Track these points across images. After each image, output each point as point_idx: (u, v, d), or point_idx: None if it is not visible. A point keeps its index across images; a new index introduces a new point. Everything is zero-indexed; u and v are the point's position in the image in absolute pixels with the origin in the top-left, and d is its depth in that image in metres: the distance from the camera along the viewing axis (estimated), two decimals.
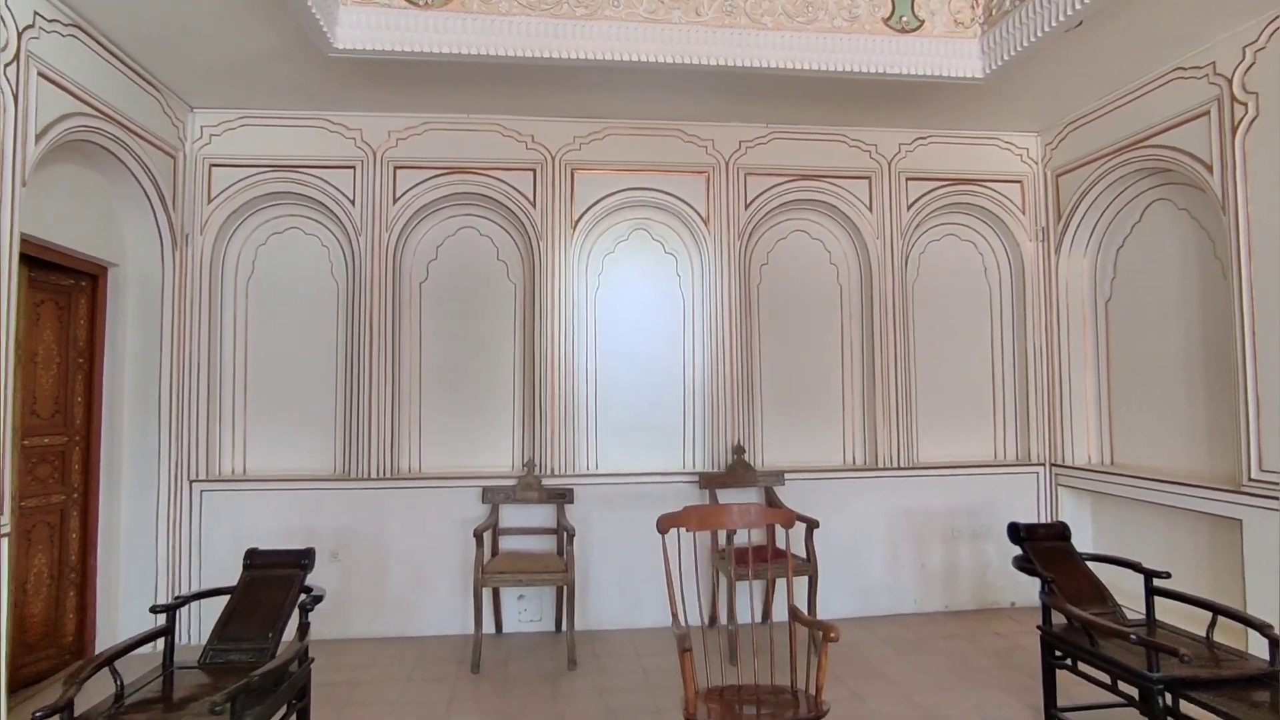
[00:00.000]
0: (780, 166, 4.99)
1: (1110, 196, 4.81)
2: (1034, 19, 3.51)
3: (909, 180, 5.13)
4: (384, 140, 4.74)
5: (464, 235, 4.99)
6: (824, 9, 3.76)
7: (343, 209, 4.72)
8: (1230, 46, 3.74)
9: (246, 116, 4.65)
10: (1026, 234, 5.23)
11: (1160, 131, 4.21)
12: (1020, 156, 5.23)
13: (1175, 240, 4.45)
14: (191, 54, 3.87)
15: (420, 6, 3.50)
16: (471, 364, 4.95)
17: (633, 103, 4.52)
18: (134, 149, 4.04)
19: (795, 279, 5.18)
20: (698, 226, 4.93)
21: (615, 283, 5.02)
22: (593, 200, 4.85)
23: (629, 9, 3.62)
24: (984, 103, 4.57)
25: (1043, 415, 5.18)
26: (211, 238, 4.66)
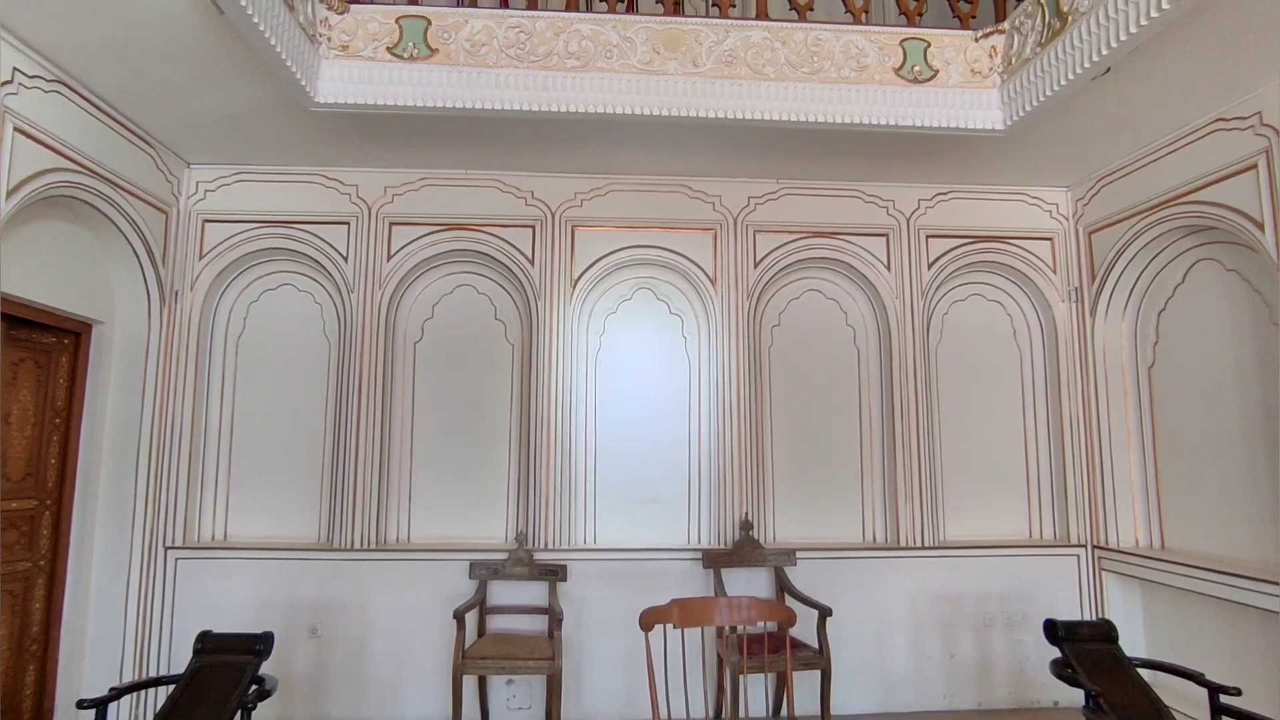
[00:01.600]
0: (791, 223, 4.75)
1: (1149, 255, 4.46)
2: (1057, 66, 3.26)
3: (929, 237, 4.84)
4: (380, 196, 4.62)
5: (461, 293, 4.80)
6: (830, 59, 3.56)
7: (335, 266, 4.57)
8: (1278, 95, 3.44)
9: (243, 172, 4.57)
10: (1058, 294, 4.88)
11: (1202, 186, 3.88)
12: (1049, 212, 4.93)
13: (1225, 303, 4.07)
14: (181, 110, 3.79)
15: (404, 59, 3.37)
16: (465, 428, 4.70)
17: (635, 157, 4.34)
18: (123, 205, 3.95)
19: (809, 341, 4.87)
20: (704, 286, 4.68)
21: (617, 344, 4.77)
22: (594, 258, 4.64)
23: (623, 60, 3.46)
24: (1007, 156, 4.29)
25: (1082, 491, 4.73)
26: (202, 294, 4.53)
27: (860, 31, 3.62)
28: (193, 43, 3.07)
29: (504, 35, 3.44)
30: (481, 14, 3.47)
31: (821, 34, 3.57)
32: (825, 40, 3.56)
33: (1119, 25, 2.89)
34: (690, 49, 3.50)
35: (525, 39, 3.45)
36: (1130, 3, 2.83)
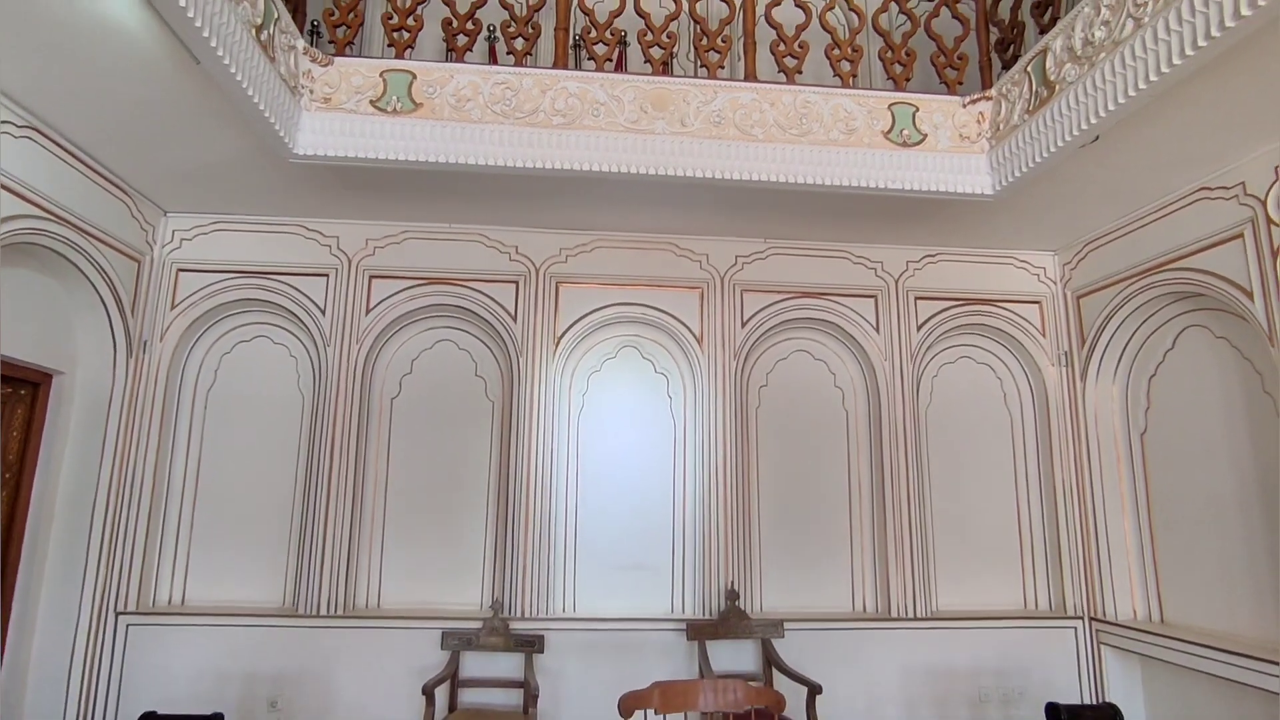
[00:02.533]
0: (779, 283, 4.69)
1: (1137, 321, 4.43)
2: (1045, 133, 3.26)
3: (918, 299, 4.80)
4: (361, 248, 4.52)
5: (441, 349, 4.68)
6: (819, 121, 3.54)
7: (312, 318, 4.45)
8: (1261, 167, 3.45)
9: (220, 221, 4.47)
10: (1048, 358, 4.83)
11: (1189, 254, 3.87)
12: (1037, 276, 4.91)
13: (1215, 371, 4.02)
14: (158, 159, 3.71)
15: (388, 113, 3.32)
16: (441, 487, 4.52)
17: (622, 214, 4.29)
18: (92, 254, 3.83)
19: (797, 402, 4.77)
20: (691, 345, 4.59)
21: (601, 404, 4.64)
22: (579, 315, 4.55)
23: (609, 118, 3.42)
24: (996, 220, 4.28)
25: (1077, 559, 4.59)
26: (172, 345, 4.37)
27: (849, 95, 3.62)
28: (169, 92, 2.99)
29: (490, 91, 3.40)
30: (468, 69, 3.43)
31: (810, 96, 3.57)
32: (814, 103, 3.56)
33: (1106, 96, 2.89)
34: (678, 109, 3.48)
35: (512, 95, 3.41)
36: (1117, 75, 2.83)
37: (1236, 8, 2.31)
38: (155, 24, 2.55)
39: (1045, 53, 3.29)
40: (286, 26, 3.17)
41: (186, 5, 2.36)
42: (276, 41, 3.07)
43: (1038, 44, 3.36)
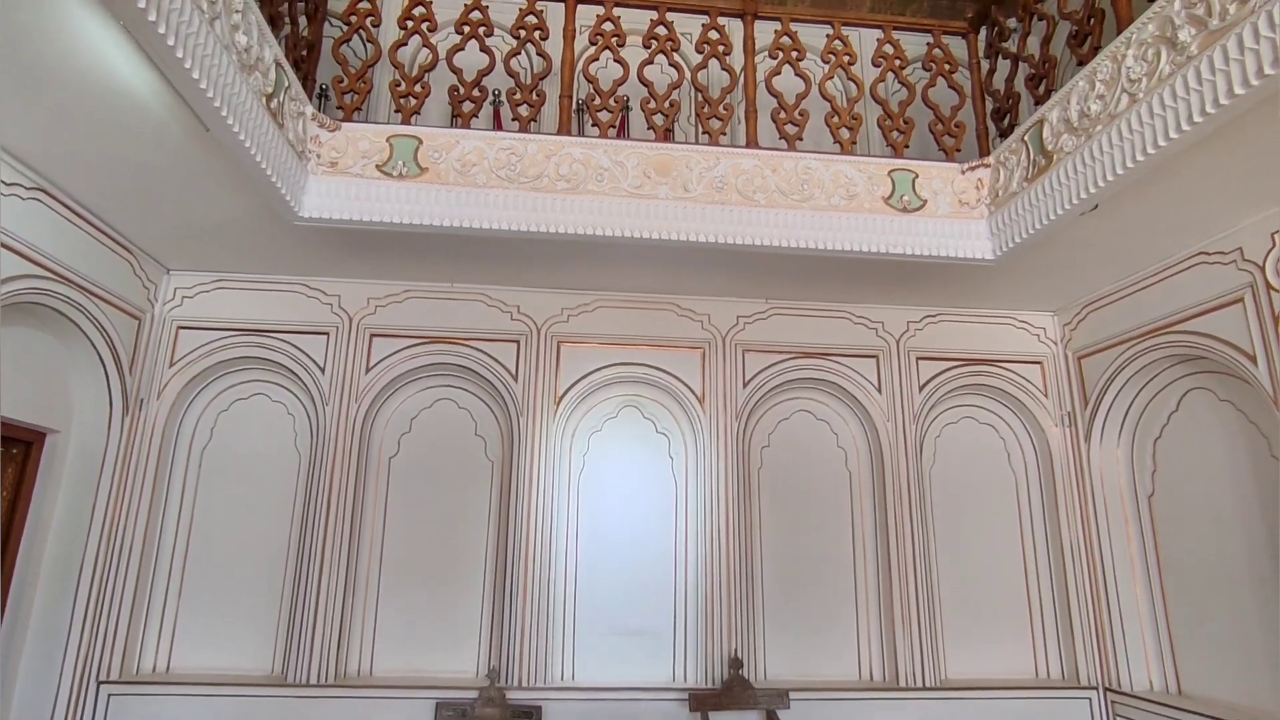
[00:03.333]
0: (781, 343, 4.69)
1: (1140, 383, 4.41)
2: (1044, 201, 3.29)
3: (919, 360, 4.79)
4: (362, 307, 4.52)
5: (441, 407, 4.64)
6: (820, 187, 3.58)
7: (311, 376, 4.41)
8: (1258, 233, 3.48)
9: (222, 280, 4.48)
10: (1051, 419, 4.80)
11: (1189, 317, 3.87)
12: (1038, 336, 4.92)
13: (1221, 434, 3.98)
14: (163, 219, 3.73)
15: (394, 178, 3.35)
16: (438, 549, 4.42)
17: (624, 275, 4.30)
18: (91, 312, 3.82)
19: (799, 463, 4.72)
20: (692, 405, 4.56)
21: (601, 464, 4.58)
22: (580, 375, 4.52)
23: (613, 184, 3.46)
24: (995, 282, 4.30)
25: (1089, 625, 4.48)
26: (169, 402, 4.33)
27: (849, 161, 3.67)
28: (178, 156, 3.02)
29: (495, 156, 3.45)
30: (473, 135, 3.49)
31: (811, 163, 3.62)
32: (815, 169, 3.61)
33: (1104, 167, 2.93)
34: (681, 174, 3.52)
35: (516, 160, 3.46)
36: (1114, 146, 2.87)
37: (1230, 87, 2.35)
38: (167, 91, 2.58)
39: (1042, 123, 3.35)
40: (296, 94, 3.23)
41: (199, 77, 2.39)
42: (286, 109, 3.12)
43: (1034, 114, 3.42)
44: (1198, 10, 2.47)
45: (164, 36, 2.20)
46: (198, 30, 2.35)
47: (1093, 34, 3.23)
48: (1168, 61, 2.59)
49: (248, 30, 2.69)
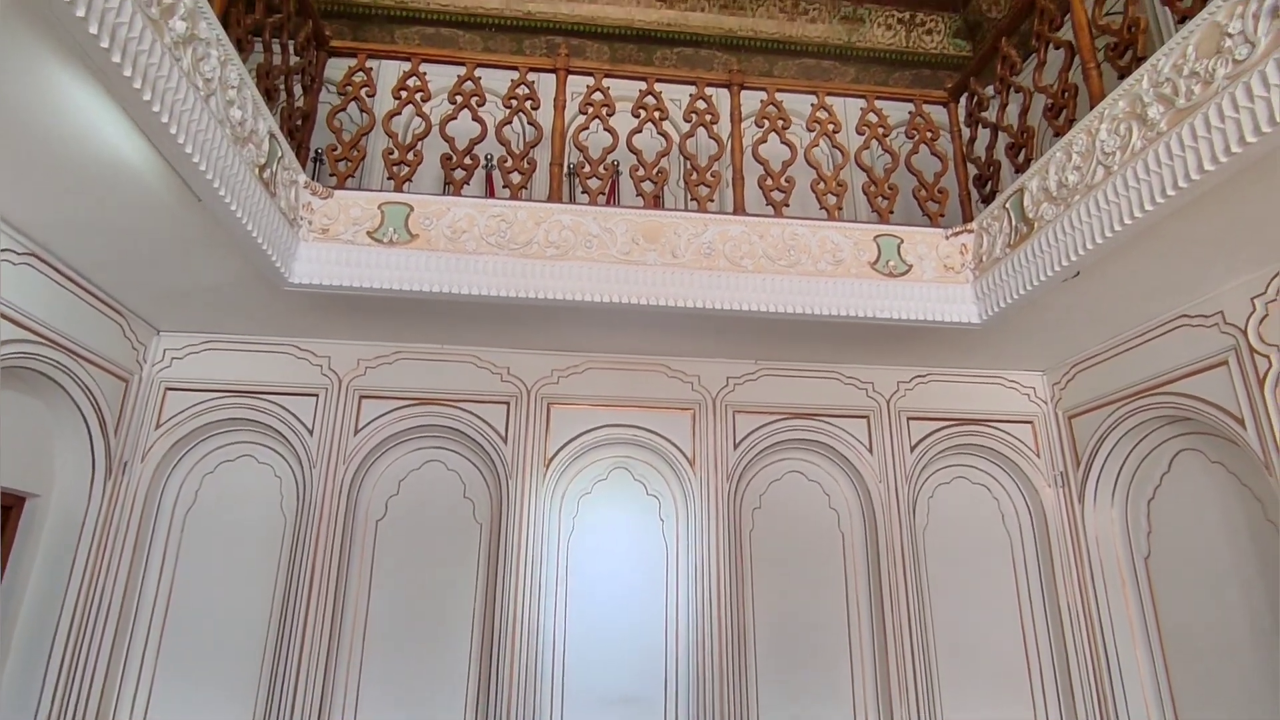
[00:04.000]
0: (771, 404, 4.68)
1: (1131, 443, 4.40)
2: (1027, 267, 3.34)
3: (910, 420, 4.78)
4: (352, 368, 4.51)
5: (430, 469, 4.59)
6: (806, 252, 3.63)
7: (299, 438, 4.38)
8: (1238, 297, 3.52)
9: (211, 340, 4.47)
10: (1044, 479, 4.77)
11: (1176, 379, 3.89)
12: (1027, 396, 4.92)
13: (1214, 496, 3.96)
14: (155, 281, 3.74)
15: (384, 244, 3.38)
16: (425, 615, 4.31)
17: (614, 337, 4.32)
18: (78, 375, 3.80)
19: (792, 525, 4.66)
20: (683, 467, 4.52)
21: (591, 527, 4.51)
22: (570, 436, 4.50)
23: (602, 250, 3.50)
24: (984, 344, 4.33)
25: (1089, 690, 4.36)
26: (153, 465, 4.27)
27: (835, 227, 3.73)
28: (170, 223, 3.05)
29: (485, 223, 3.49)
30: (464, 202, 3.54)
31: (798, 229, 3.68)
32: (801, 235, 3.66)
33: (1084, 235, 2.99)
34: (669, 240, 3.57)
35: (506, 227, 3.50)
36: (1092, 216, 2.93)
37: (1200, 162, 2.41)
38: (159, 161, 2.62)
39: (1022, 191, 3.42)
40: (289, 164, 3.28)
41: (192, 151, 2.43)
42: (279, 178, 3.17)
43: (1015, 183, 3.50)
44: (1165, 90, 2.56)
45: (159, 114, 2.25)
46: (192, 107, 2.40)
47: (1067, 107, 3.32)
48: (1139, 137, 2.67)
49: (242, 105, 2.75)
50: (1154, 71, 2.64)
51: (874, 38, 5.60)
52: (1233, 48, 2.27)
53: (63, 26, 1.93)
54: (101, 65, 2.07)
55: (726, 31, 5.47)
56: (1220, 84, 2.32)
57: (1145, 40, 2.86)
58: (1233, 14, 2.29)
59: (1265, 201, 2.75)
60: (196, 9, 2.41)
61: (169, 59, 2.26)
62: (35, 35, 1.99)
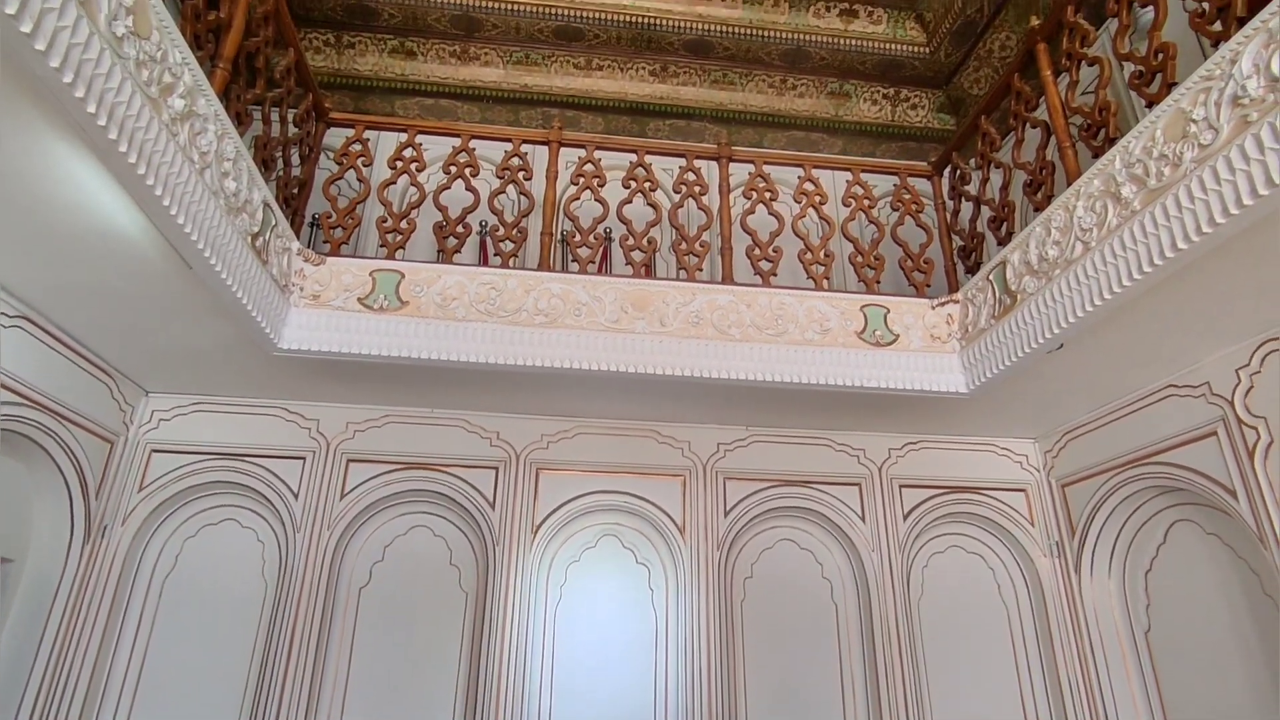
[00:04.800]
0: (762, 471, 4.65)
1: (1125, 513, 4.35)
2: (1012, 338, 3.37)
3: (902, 487, 4.74)
4: (341, 431, 4.49)
5: (416, 535, 4.52)
6: (794, 321, 3.66)
7: (284, 502, 4.32)
8: (1222, 368, 3.54)
9: (201, 402, 4.46)
10: (1039, 549, 4.70)
11: (1166, 449, 3.87)
12: (1020, 464, 4.89)
13: (1211, 568, 3.89)
14: (145, 344, 3.75)
15: (375, 310, 3.41)
16: (408, 685, 4.18)
17: (603, 403, 4.31)
18: (63, 438, 3.77)
19: (783, 594, 4.56)
20: (673, 535, 4.45)
21: (579, 595, 4.42)
22: (559, 503, 4.44)
23: (590, 318, 3.53)
24: (973, 412, 4.33)
25: None
26: (134, 529, 4.20)
27: (822, 297, 3.77)
28: (161, 288, 3.07)
29: (475, 291, 3.53)
30: (455, 270, 3.59)
31: (785, 298, 3.72)
32: (789, 304, 3.70)
33: (1066, 309, 3.02)
34: (658, 309, 3.60)
35: (496, 295, 3.54)
36: (1073, 290, 2.97)
37: (1174, 241, 2.46)
38: (152, 230, 2.65)
39: (1005, 264, 3.48)
40: (283, 231, 3.33)
41: (185, 222, 2.48)
42: (271, 245, 3.22)
43: (997, 255, 3.56)
44: (1136, 170, 2.63)
45: (153, 188, 2.29)
46: (187, 180, 2.46)
47: (1045, 184, 3.41)
48: (1115, 214, 2.73)
49: (237, 176, 2.81)
50: (1125, 153, 2.71)
51: (860, 112, 5.77)
52: (1198, 133, 2.34)
53: (62, 104, 1.99)
54: (99, 142, 2.12)
55: (717, 105, 5.65)
56: (1188, 167, 2.39)
57: (1116, 122, 2.95)
58: (1196, 101, 2.37)
59: (1242, 276, 2.80)
60: (196, 87, 2.48)
61: (166, 135, 2.32)
62: (35, 110, 2.04)
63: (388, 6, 5.24)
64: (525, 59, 5.53)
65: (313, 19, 5.33)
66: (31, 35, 1.74)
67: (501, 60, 5.54)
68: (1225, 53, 2.30)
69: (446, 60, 5.52)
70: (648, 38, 5.37)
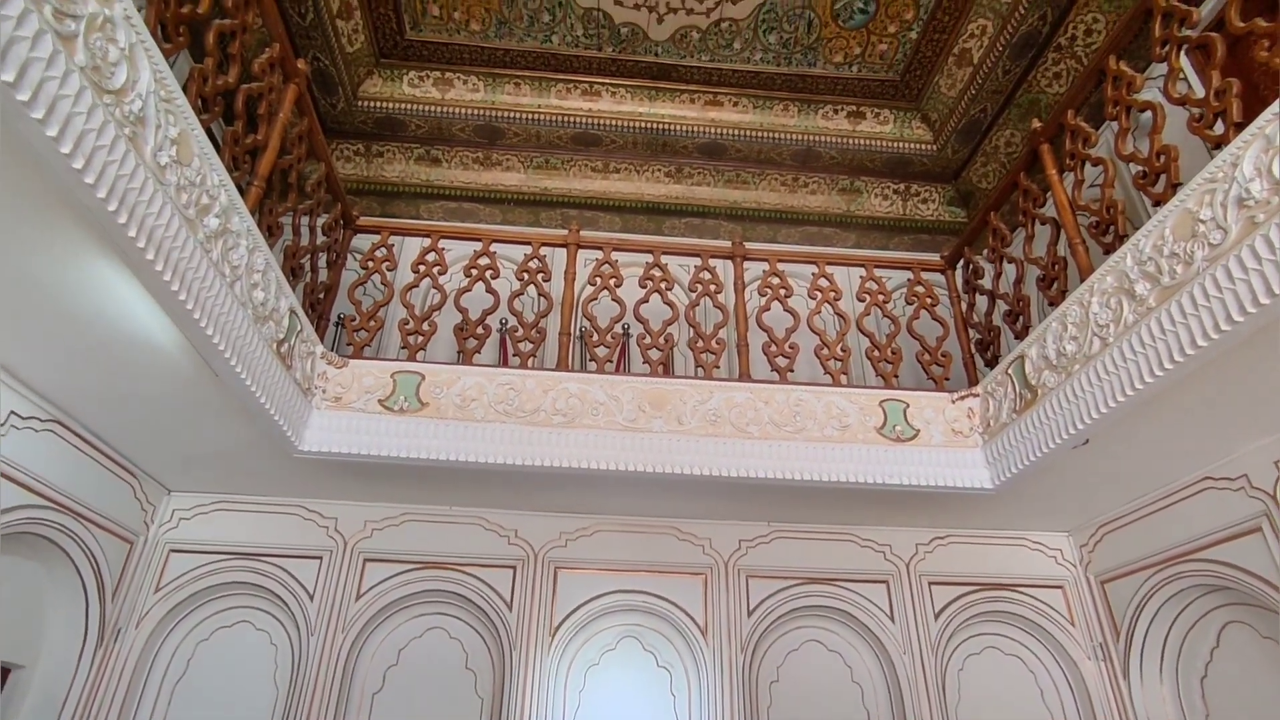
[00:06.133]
0: (785, 569, 4.51)
1: (1172, 612, 4.12)
2: (1035, 433, 3.30)
3: (932, 584, 4.56)
4: (359, 530, 4.46)
5: (432, 637, 4.40)
6: (812, 418, 3.64)
7: (299, 604, 4.25)
8: (1260, 460, 3.42)
9: (221, 501, 4.48)
10: (1082, 650, 4.45)
11: (1209, 545, 3.71)
12: (1054, 558, 4.70)
13: (1272, 676, 3.64)
14: (170, 445, 3.81)
15: (395, 412, 3.45)
16: None
17: (623, 500, 4.26)
18: (83, 539, 3.78)
19: (812, 701, 4.33)
20: (695, 637, 4.30)
21: (599, 701, 4.23)
22: (578, 603, 4.33)
23: (608, 417, 3.54)
24: (1001, 506, 4.20)
25: None
26: (148, 631, 4.15)
27: (840, 393, 3.76)
28: (188, 393, 3.15)
29: (494, 391, 3.57)
30: (474, 371, 3.64)
31: (803, 395, 3.71)
32: (806, 401, 3.69)
33: (1088, 404, 2.97)
34: (676, 408, 3.61)
35: (514, 395, 3.57)
36: (1094, 385, 2.93)
37: (1192, 338, 2.44)
38: (182, 340, 2.74)
39: (1023, 358, 3.45)
40: (308, 336, 3.43)
41: (214, 333, 2.56)
42: (296, 350, 3.30)
43: (1015, 349, 3.54)
44: (1149, 268, 2.64)
45: (185, 302, 2.38)
46: (218, 293, 2.55)
47: (1058, 278, 3.42)
48: (1130, 311, 2.72)
49: (266, 287, 2.92)
50: (1136, 250, 2.73)
51: (872, 207, 5.91)
52: (1207, 233, 2.36)
53: (105, 228, 2.10)
54: (136, 261, 2.22)
55: (732, 203, 5.82)
56: (1200, 265, 2.39)
57: (1125, 219, 2.99)
58: (1202, 202, 2.40)
59: (1271, 368, 2.74)
60: (231, 206, 2.62)
61: (200, 252, 2.43)
62: (79, 230, 2.14)
63: (415, 118, 5.54)
64: (545, 163, 5.77)
65: (344, 131, 5.64)
66: (83, 171, 1.86)
67: (522, 165, 5.78)
68: (1227, 156, 2.34)
69: (470, 166, 5.78)
70: (662, 142, 5.61)
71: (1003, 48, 4.75)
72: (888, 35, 5.11)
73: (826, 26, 5.06)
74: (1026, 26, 4.57)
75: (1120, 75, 3.05)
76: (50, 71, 1.71)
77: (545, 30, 5.17)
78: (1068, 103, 3.43)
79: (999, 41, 4.74)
